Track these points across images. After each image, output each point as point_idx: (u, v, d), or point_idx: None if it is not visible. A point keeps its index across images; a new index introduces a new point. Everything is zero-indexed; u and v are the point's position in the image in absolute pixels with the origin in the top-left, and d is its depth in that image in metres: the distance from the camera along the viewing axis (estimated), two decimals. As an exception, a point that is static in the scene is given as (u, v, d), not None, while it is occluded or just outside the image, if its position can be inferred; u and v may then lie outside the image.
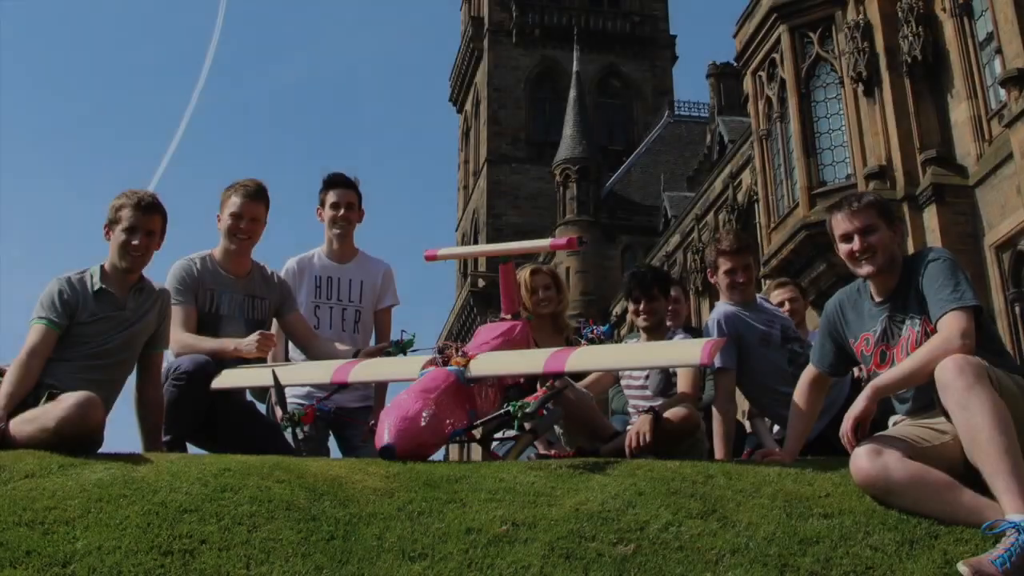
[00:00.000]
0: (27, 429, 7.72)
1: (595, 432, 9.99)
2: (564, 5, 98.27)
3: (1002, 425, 6.33)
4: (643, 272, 11.05)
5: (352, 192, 11.55)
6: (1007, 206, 34.39)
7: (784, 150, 43.40)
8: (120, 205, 8.89)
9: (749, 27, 45.45)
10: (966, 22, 37.86)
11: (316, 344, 10.42)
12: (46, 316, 8.55)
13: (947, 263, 7.35)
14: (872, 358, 7.57)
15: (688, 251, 60.98)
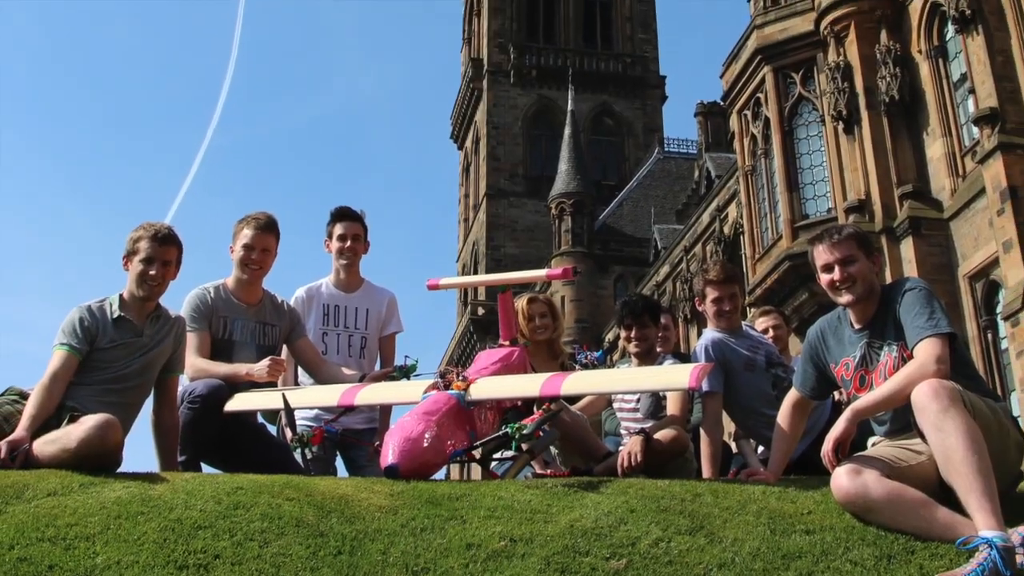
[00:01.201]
0: (50, 449, 7.73)
1: (589, 452, 9.99)
2: (559, 47, 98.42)
3: (975, 446, 6.34)
4: (634, 301, 11.07)
5: (358, 225, 11.56)
6: (980, 238, 34.50)
7: (768, 185, 43.51)
8: (138, 237, 8.92)
9: (735, 68, 45.57)
10: (941, 64, 38.06)
11: (324, 369, 10.42)
12: (67, 342, 8.56)
13: (923, 292, 7.38)
14: (852, 382, 7.58)
15: (677, 281, 61.01)
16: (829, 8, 40.86)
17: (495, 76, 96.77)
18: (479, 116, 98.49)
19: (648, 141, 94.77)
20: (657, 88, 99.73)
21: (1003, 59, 33.86)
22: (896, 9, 39.83)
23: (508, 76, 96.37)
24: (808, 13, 42.10)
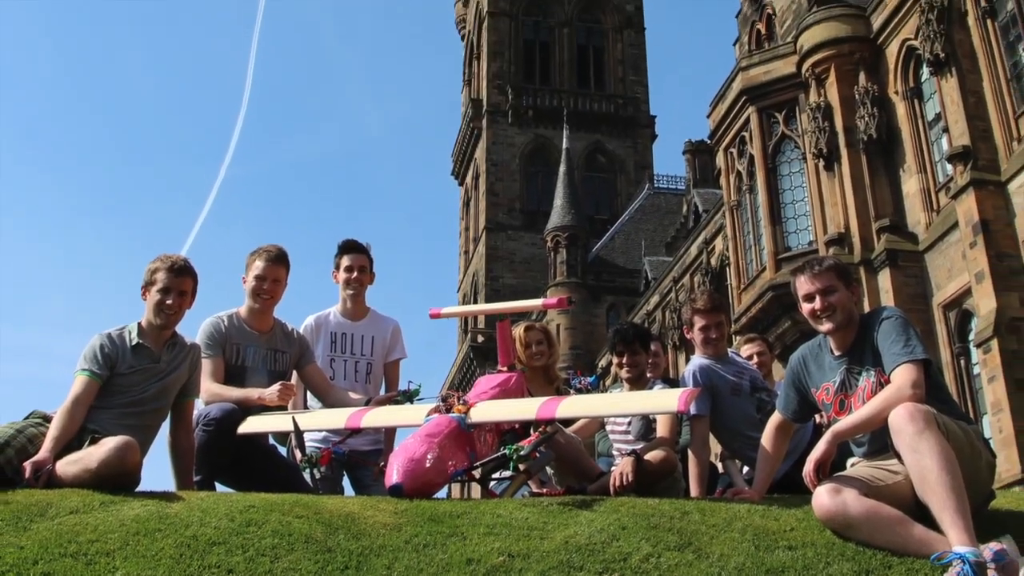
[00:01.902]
0: (72, 470, 7.74)
1: (583, 472, 10.00)
2: (554, 88, 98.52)
3: (949, 466, 6.36)
4: (626, 329, 11.07)
5: (364, 256, 11.59)
6: (953, 270, 34.56)
7: (753, 219, 43.54)
8: (155, 268, 8.95)
9: (721, 108, 45.63)
10: (916, 104, 38.15)
11: (332, 393, 10.42)
12: (88, 368, 8.57)
13: (899, 320, 7.40)
14: (832, 406, 7.59)
15: (666, 310, 61.00)
16: (810, 52, 40.96)
17: (494, 116, 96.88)
18: (479, 153, 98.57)
19: (639, 177, 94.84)
20: (647, 127, 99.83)
21: (975, 100, 33.93)
22: (874, 52, 39.92)
23: (506, 116, 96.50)
24: (790, 56, 42.20)
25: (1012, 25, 33.61)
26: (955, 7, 35.20)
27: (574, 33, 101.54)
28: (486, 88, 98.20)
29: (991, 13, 34.39)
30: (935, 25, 35.17)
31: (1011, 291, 31.09)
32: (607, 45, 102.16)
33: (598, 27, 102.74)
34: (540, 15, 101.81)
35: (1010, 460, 28.77)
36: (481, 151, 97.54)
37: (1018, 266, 31.35)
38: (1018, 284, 31.18)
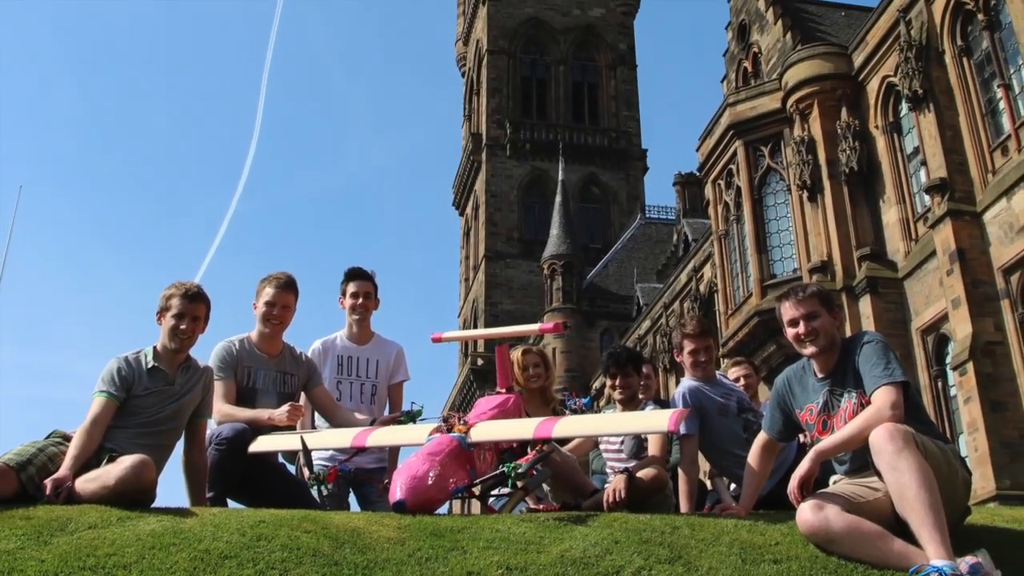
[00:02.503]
0: (90, 487, 7.74)
1: (578, 489, 9.98)
2: (551, 123, 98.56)
3: (927, 483, 6.39)
4: (619, 352, 11.08)
5: (369, 283, 11.61)
6: (931, 296, 34.60)
7: (740, 248, 43.57)
8: (170, 295, 8.98)
9: (710, 142, 45.68)
10: (896, 138, 38.21)
11: (338, 414, 10.43)
12: (106, 390, 8.59)
13: (879, 344, 7.42)
14: (815, 426, 7.60)
15: (657, 334, 60.92)
16: (794, 88, 41.03)
17: (493, 149, 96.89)
18: (478, 185, 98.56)
19: (631, 208, 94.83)
20: (639, 160, 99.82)
21: (952, 134, 33.98)
22: (855, 89, 39.99)
23: (505, 149, 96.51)
24: (776, 92, 42.25)
25: (987, 63, 33.68)
26: (933, 46, 35.27)
27: (569, 70, 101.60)
28: (485, 123, 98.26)
29: (967, 51, 34.47)
30: (914, 63, 35.24)
31: (986, 316, 31.13)
32: (601, 82, 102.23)
33: (592, 65, 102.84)
34: (537, 53, 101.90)
35: (985, 478, 28.77)
36: (481, 183, 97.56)
37: (993, 293, 31.39)
38: (993, 310, 31.22)
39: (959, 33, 34.78)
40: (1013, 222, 30.99)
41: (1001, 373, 30.37)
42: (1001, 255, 31.45)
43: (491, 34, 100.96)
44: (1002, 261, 31.36)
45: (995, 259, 31.64)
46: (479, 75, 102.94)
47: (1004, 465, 29.25)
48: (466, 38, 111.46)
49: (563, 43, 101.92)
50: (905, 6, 36.56)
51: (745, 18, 51.74)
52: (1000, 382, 30.27)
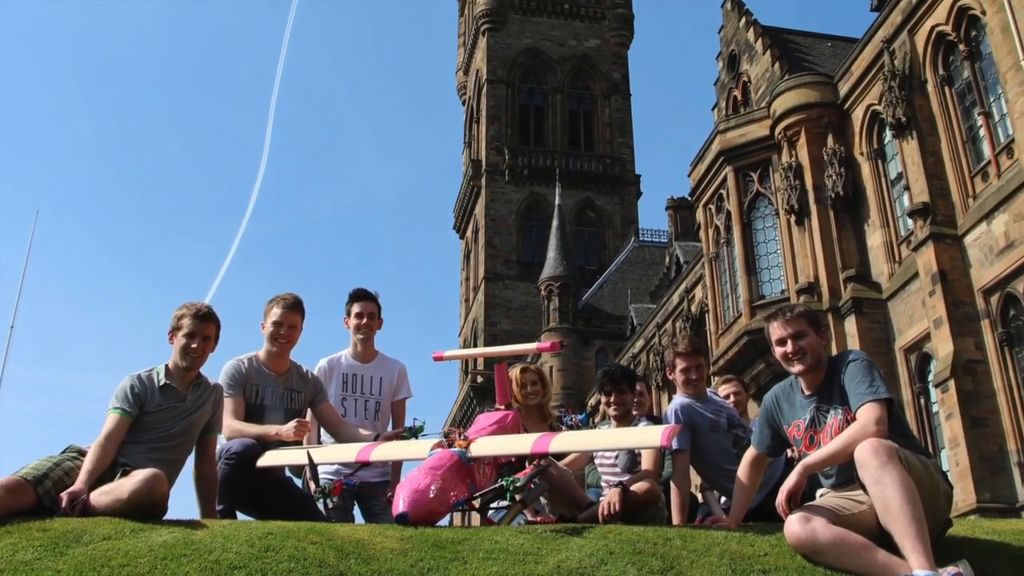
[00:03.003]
0: (105, 500, 7.75)
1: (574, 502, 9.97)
2: (548, 149, 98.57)
3: (910, 496, 6.40)
4: (613, 370, 11.09)
5: (373, 304, 11.64)
6: (914, 316, 34.63)
7: (730, 269, 43.63)
8: (181, 315, 9.03)
9: (701, 168, 45.74)
10: (880, 164, 38.28)
11: (343, 429, 10.44)
12: (120, 406, 8.61)
13: (864, 363, 7.44)
14: (802, 441, 7.61)
15: (650, 353, 60.93)
16: (782, 116, 41.09)
17: (492, 175, 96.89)
18: (478, 209, 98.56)
19: (625, 231, 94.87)
20: (633, 185, 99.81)
21: (934, 160, 34.02)
22: (841, 116, 40.04)
23: (503, 175, 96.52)
24: (764, 120, 42.32)
25: (967, 92, 33.76)
26: (915, 75, 35.34)
27: (566, 99, 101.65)
28: (485, 149, 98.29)
29: (948, 81, 34.54)
30: (897, 92, 35.30)
31: (967, 336, 31.15)
32: (596, 110, 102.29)
33: (588, 93, 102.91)
34: (535, 82, 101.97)
35: (966, 491, 28.77)
36: (480, 207, 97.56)
37: (973, 313, 31.42)
38: (973, 329, 31.24)
39: (941, 63, 34.86)
40: (993, 245, 31.03)
41: (981, 391, 30.38)
42: (981, 277, 31.49)
43: (490, 64, 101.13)
44: (982, 282, 31.40)
45: (976, 281, 31.68)
46: (479, 103, 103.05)
47: (984, 479, 29.26)
48: (466, 68, 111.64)
49: (560, 73, 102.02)
50: (889, 37, 36.66)
51: (735, 48, 51.86)
52: (980, 399, 30.28)
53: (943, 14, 34.16)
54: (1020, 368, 30.19)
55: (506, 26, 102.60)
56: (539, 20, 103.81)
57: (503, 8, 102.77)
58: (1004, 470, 29.50)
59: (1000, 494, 29.02)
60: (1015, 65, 30.29)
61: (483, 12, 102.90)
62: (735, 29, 51.94)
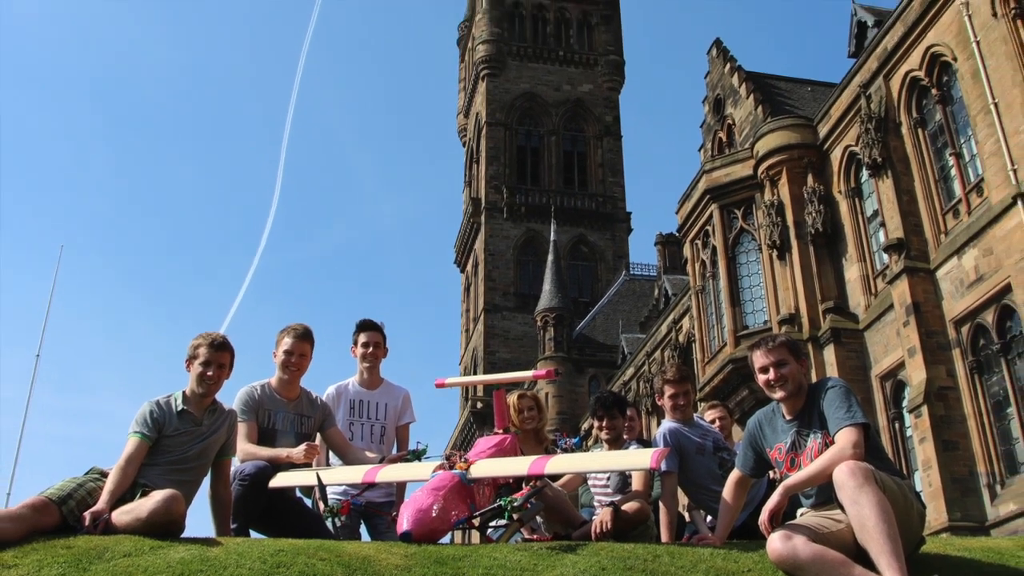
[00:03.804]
0: (125, 519, 7.76)
1: (568, 521, 9.99)
2: (544, 188, 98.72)
3: (885, 516, 6.42)
4: (605, 397, 11.09)
5: (378, 334, 11.64)
6: (889, 345, 34.68)
7: (715, 301, 43.64)
8: (197, 344, 9.05)
9: (688, 205, 45.78)
10: (857, 202, 38.37)
11: (350, 452, 10.45)
12: (139, 430, 8.63)
13: (842, 389, 7.45)
14: (784, 463, 7.62)
15: (640, 380, 60.86)
16: (765, 156, 41.16)
17: (491, 212, 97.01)
18: (478, 245, 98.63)
19: (617, 265, 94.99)
20: (624, 222, 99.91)
21: (908, 198, 34.09)
22: (820, 157, 40.12)
23: (502, 212, 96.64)
24: (748, 160, 42.38)
25: (940, 133, 33.83)
26: (890, 118, 35.43)
27: (560, 140, 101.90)
28: (484, 188, 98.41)
29: (922, 123, 34.63)
30: (873, 133, 35.39)
31: (939, 364, 31.19)
32: (589, 151, 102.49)
33: (581, 135, 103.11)
34: (531, 125, 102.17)
35: (938, 510, 28.79)
36: (480, 242, 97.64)
37: (945, 342, 31.47)
38: (945, 358, 31.29)
39: (915, 106, 34.95)
40: (964, 278, 31.10)
41: (953, 416, 30.42)
42: (953, 308, 31.56)
43: (489, 108, 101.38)
44: (953, 314, 31.46)
45: (947, 312, 31.75)
46: (479, 145, 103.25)
47: (955, 499, 29.28)
48: (467, 111, 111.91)
49: (555, 116, 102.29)
50: (865, 82, 36.78)
51: (720, 93, 51.98)
52: (952, 424, 30.31)
53: (917, 60, 34.28)
54: (989, 395, 30.25)
55: (504, 72, 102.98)
56: (536, 66, 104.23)
57: (502, 55, 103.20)
58: (974, 491, 29.53)
59: (970, 513, 29.04)
60: (984, 108, 30.39)
61: (483, 59, 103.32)
62: (720, 75, 52.09)
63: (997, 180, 29.89)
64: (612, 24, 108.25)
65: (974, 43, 30.90)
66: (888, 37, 35.83)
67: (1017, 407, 29.11)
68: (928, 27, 33.69)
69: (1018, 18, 29.60)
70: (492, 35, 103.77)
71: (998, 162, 29.77)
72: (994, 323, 30.04)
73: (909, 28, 34.47)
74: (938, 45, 33.21)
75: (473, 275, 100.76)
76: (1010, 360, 29.62)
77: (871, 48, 37.13)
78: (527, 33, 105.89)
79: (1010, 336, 29.64)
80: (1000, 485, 29.16)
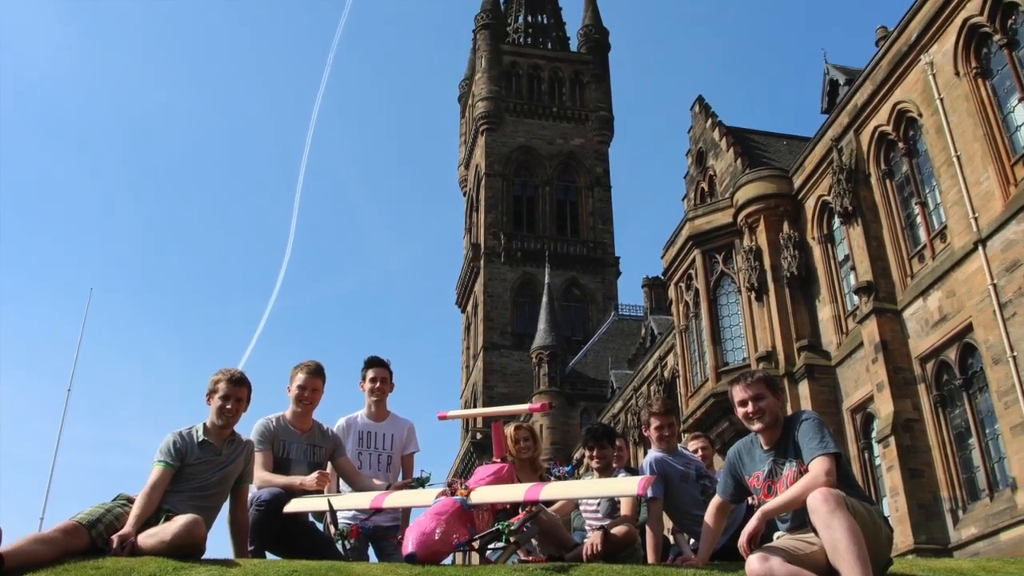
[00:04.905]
0: (150, 542, 7.77)
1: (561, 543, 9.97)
2: (538, 235, 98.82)
3: (856, 539, 6.44)
4: (595, 428, 11.12)
5: (385, 370, 11.66)
6: (859, 381, 34.67)
7: (698, 340, 43.60)
8: (217, 380, 9.10)
9: (672, 250, 45.81)
10: (829, 247, 38.44)
11: (359, 480, 10.45)
12: (164, 459, 8.66)
13: (816, 421, 7.48)
14: (761, 490, 7.63)
15: (628, 413, 60.73)
16: (744, 205, 41.22)
17: (490, 257, 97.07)
18: (477, 287, 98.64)
19: (606, 306, 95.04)
20: (613, 266, 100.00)
21: (877, 244, 34.16)
22: (795, 206, 40.19)
23: (500, 257, 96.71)
24: (728, 209, 42.44)
25: (906, 184, 33.93)
26: (860, 169, 35.53)
27: (554, 190, 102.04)
28: (484, 234, 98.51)
29: (890, 174, 34.72)
30: (844, 184, 35.49)
31: (905, 398, 31.22)
32: (580, 200, 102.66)
33: (573, 185, 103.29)
34: (527, 176, 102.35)
35: (904, 533, 28.78)
36: (479, 285, 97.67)
37: (911, 378, 31.49)
38: (911, 392, 31.30)
39: (883, 159, 35.03)
40: (928, 318, 31.16)
41: (918, 445, 30.43)
42: (918, 346, 31.60)
43: (488, 160, 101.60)
44: (919, 351, 31.49)
45: (913, 350, 31.79)
46: (478, 194, 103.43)
47: (921, 523, 29.25)
48: (467, 163, 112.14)
49: (549, 167, 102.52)
50: (837, 136, 36.89)
51: (703, 146, 52.04)
52: (917, 453, 30.31)
53: (885, 116, 34.40)
54: (952, 426, 30.25)
55: (502, 127, 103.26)
56: (531, 121, 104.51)
57: (500, 111, 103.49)
58: (938, 515, 29.50)
59: (935, 536, 29.01)
60: (948, 161, 30.52)
61: (482, 115, 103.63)
62: (702, 129, 52.16)
63: (959, 227, 30.00)
64: (602, 82, 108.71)
65: (938, 100, 31.07)
66: (858, 94, 35.98)
67: (978, 438, 29.12)
68: (895, 85, 33.85)
69: (978, 77, 29.79)
70: (491, 92, 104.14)
71: (960, 211, 29.90)
72: (957, 360, 30.07)
73: (878, 86, 34.64)
74: (905, 102, 33.35)
75: (473, 315, 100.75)
76: (971, 394, 29.64)
77: (842, 105, 37.27)
78: (523, 91, 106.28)
79: (971, 372, 29.67)
80: (962, 510, 29.13)
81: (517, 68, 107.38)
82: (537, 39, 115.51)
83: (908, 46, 32.73)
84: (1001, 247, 27.86)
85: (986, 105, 29.45)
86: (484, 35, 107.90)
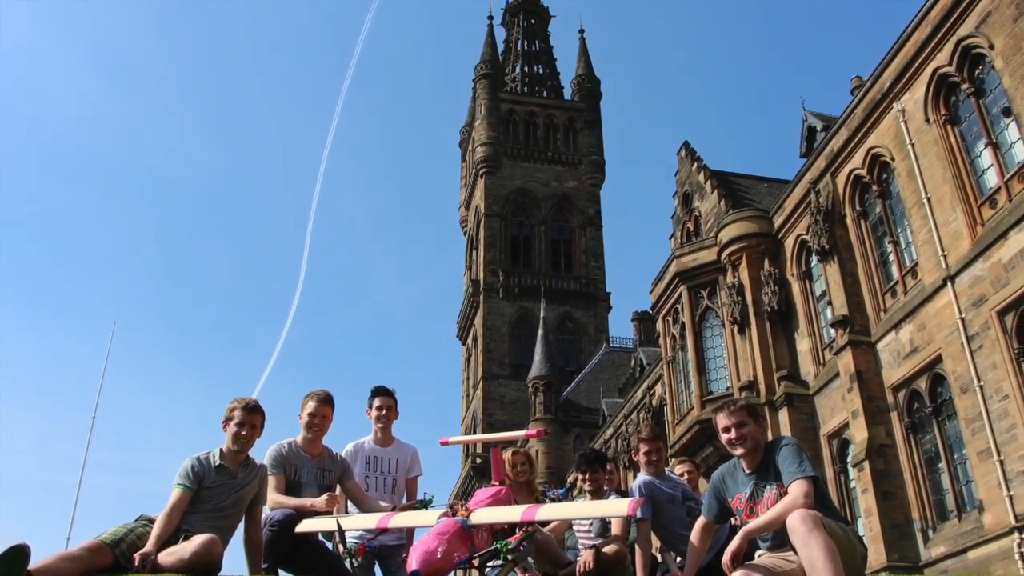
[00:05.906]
0: (170, 560, 7.78)
1: (556, 562, 9.97)
2: (535, 271, 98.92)
3: (832, 557, 6.45)
4: (588, 453, 11.14)
5: (391, 398, 11.66)
6: (835, 409, 34.69)
7: (684, 370, 43.61)
8: (233, 407, 9.14)
9: (660, 286, 45.85)
10: (807, 283, 38.52)
11: (366, 502, 10.43)
12: (182, 482, 8.69)
13: (795, 447, 7.50)
14: (744, 511, 7.64)
15: (619, 439, 60.63)
16: (727, 244, 41.30)
17: (489, 292, 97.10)
18: (477, 321, 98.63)
19: (598, 339, 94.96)
20: (604, 301, 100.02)
21: (852, 280, 34.24)
22: (775, 244, 40.27)
23: (498, 292, 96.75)
24: (712, 247, 42.51)
25: (880, 224, 34.01)
26: (837, 210, 35.64)
27: (549, 230, 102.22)
28: (483, 271, 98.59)
29: (864, 215, 34.82)
30: (821, 224, 35.59)
31: (879, 424, 31.23)
32: (574, 239, 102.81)
33: (567, 225, 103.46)
34: (524, 216, 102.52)
35: (878, 552, 28.78)
36: (479, 319, 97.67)
37: (884, 406, 31.50)
38: (884, 419, 31.31)
39: (858, 200, 35.12)
40: (900, 350, 31.21)
41: (891, 469, 30.43)
42: (891, 376, 31.63)
43: (487, 201, 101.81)
44: (891, 381, 31.52)
45: (886, 379, 31.82)
46: (478, 233, 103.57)
47: (893, 542, 29.24)
48: (467, 204, 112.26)
49: (544, 208, 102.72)
50: (815, 179, 37.01)
51: (688, 188, 52.10)
52: (890, 476, 30.31)
53: (860, 160, 34.50)
54: (923, 451, 30.26)
55: (500, 170, 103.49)
56: (527, 165, 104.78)
57: (498, 155, 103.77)
58: (909, 535, 29.49)
59: (906, 555, 28.98)
60: (919, 202, 30.63)
61: (481, 159, 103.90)
62: (688, 172, 52.24)
63: (929, 265, 30.10)
64: (594, 128, 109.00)
65: (909, 145, 31.17)
66: (834, 140, 36.10)
67: (947, 462, 29.13)
68: (869, 131, 34.00)
69: (948, 123, 29.91)
70: (490, 138, 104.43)
71: (930, 249, 30.00)
72: (927, 389, 30.10)
73: (853, 132, 34.78)
74: (878, 147, 33.47)
75: (473, 347, 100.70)
76: (940, 421, 29.66)
77: (820, 149, 37.38)
78: (520, 136, 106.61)
79: (940, 400, 29.69)
80: (932, 530, 29.09)
81: (514, 115, 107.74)
82: (533, 88, 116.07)
83: (881, 94, 32.89)
84: (969, 283, 27.93)
85: (955, 150, 29.57)
86: (483, 84, 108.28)
